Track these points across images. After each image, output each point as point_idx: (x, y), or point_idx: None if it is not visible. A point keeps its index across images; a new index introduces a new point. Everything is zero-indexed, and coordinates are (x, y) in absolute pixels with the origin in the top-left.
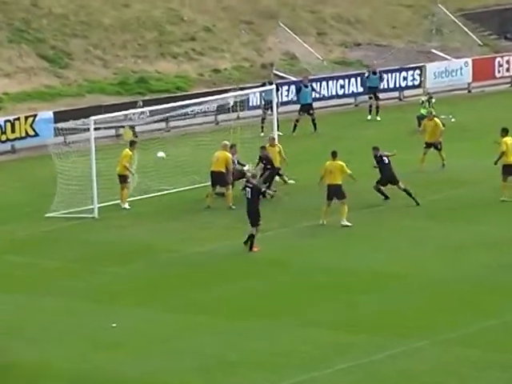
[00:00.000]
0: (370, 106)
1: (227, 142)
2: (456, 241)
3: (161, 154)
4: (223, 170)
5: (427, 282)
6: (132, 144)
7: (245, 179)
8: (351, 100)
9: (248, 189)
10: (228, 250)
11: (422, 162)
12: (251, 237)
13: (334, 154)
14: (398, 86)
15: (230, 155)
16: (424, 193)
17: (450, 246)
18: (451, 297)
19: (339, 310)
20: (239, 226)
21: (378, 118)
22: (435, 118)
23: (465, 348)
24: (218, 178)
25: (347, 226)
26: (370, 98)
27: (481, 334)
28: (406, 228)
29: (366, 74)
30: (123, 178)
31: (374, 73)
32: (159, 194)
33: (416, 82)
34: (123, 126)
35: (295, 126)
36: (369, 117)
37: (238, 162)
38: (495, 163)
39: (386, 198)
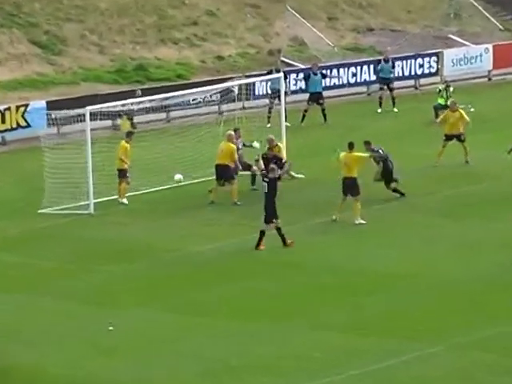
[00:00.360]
0: (381, 98)
1: (232, 132)
2: (471, 239)
3: (178, 176)
4: (228, 163)
5: (440, 282)
6: (128, 135)
7: (250, 172)
8: (364, 89)
9: (264, 183)
10: (233, 249)
11: (440, 155)
12: (262, 234)
13: (351, 146)
14: (413, 73)
15: (234, 146)
16: (439, 188)
17: (464, 244)
18: (465, 298)
19: (349, 312)
20: (245, 222)
21: (396, 110)
22: (460, 109)
23: (480, 352)
24: (222, 172)
25: (361, 223)
26: (381, 88)
27: (496, 338)
28: (419, 225)
29: (379, 65)
30: (122, 173)
31: (386, 61)
32: (159, 188)
33: (433, 70)
34: (121, 116)
35: (304, 116)
36: (379, 110)
37: (244, 145)
38: (508, 152)
39: (402, 194)
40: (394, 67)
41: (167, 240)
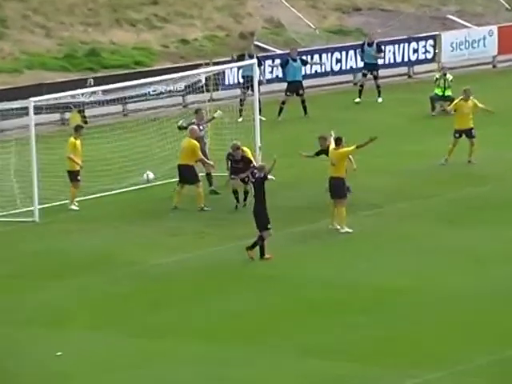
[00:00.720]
0: (361, 86)
1: (194, 127)
2: (477, 249)
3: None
4: (191, 163)
5: (441, 299)
6: (77, 130)
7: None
8: (349, 77)
9: (251, 184)
10: (200, 262)
11: (450, 153)
12: (260, 240)
13: (338, 141)
14: (406, 60)
15: (197, 143)
16: (441, 190)
17: (469, 255)
18: (470, 317)
19: (338, 334)
20: (212, 231)
21: (380, 100)
22: (472, 98)
23: (486, 381)
24: (184, 174)
25: (348, 232)
26: (364, 75)
27: (506, 363)
28: (416, 233)
29: (362, 49)
30: (73, 175)
31: (370, 44)
32: (116, 192)
33: (429, 56)
34: (70, 110)
35: (281, 109)
36: (357, 99)
37: (208, 120)
38: None
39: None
40: (380, 51)
41: (124, 252)
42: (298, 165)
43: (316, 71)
